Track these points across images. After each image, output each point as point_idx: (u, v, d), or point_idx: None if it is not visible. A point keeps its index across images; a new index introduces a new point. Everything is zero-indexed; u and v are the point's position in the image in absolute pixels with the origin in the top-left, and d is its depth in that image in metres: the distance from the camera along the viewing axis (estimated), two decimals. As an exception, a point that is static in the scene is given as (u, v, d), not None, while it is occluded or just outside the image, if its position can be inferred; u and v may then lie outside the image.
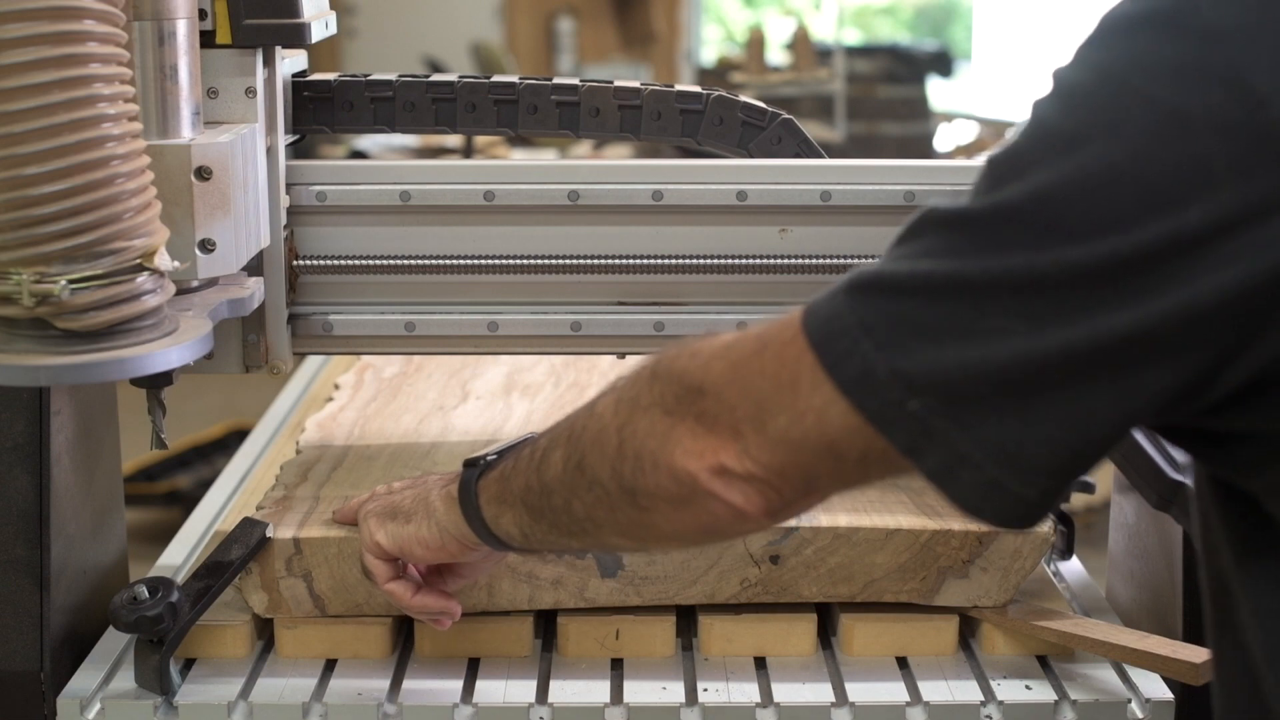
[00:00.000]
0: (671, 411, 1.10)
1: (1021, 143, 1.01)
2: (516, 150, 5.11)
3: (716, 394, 1.08)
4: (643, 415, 1.12)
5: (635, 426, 1.12)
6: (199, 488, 4.15)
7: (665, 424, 1.10)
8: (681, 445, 1.09)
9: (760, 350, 1.07)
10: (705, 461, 1.08)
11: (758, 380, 1.06)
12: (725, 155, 1.72)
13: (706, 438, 1.08)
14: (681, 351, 1.13)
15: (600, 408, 1.17)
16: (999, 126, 10.11)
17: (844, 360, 1.01)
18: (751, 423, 1.06)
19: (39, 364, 1.25)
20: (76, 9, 1.21)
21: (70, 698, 1.50)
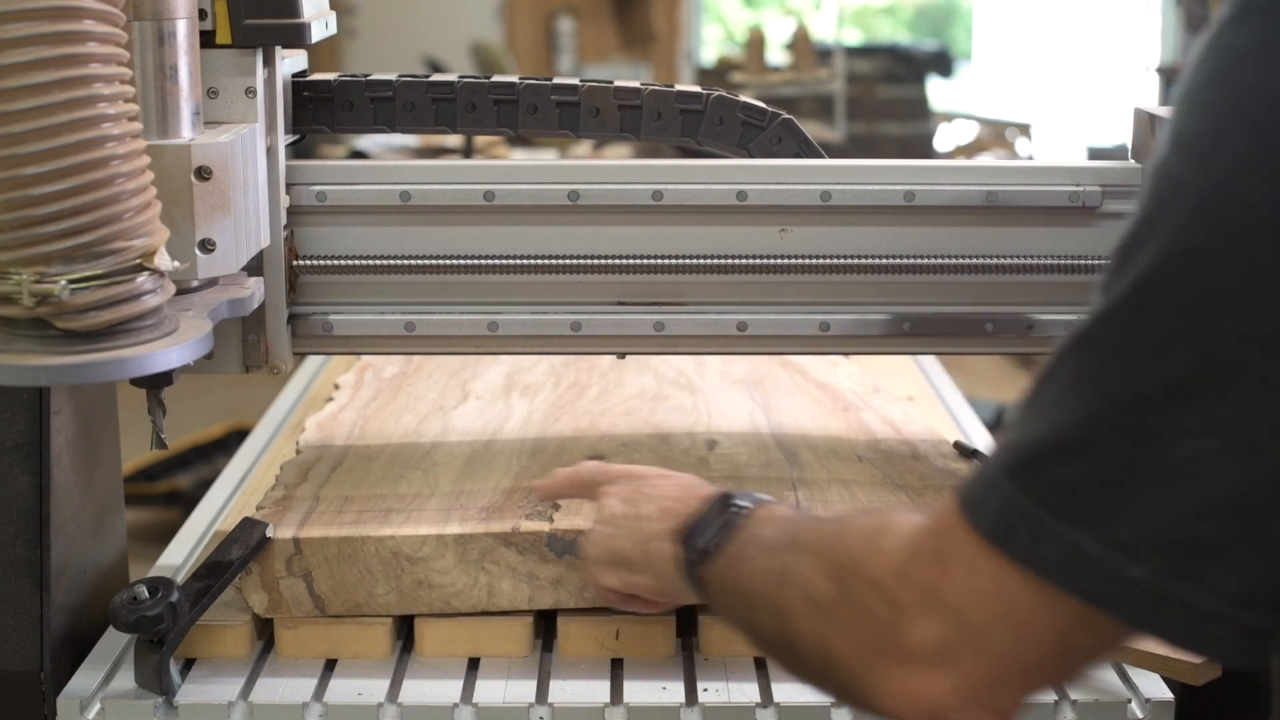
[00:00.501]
0: (865, 643, 1.00)
1: (1145, 209, 0.87)
2: (516, 150, 5.10)
3: (913, 626, 0.97)
4: (837, 636, 1.02)
5: (833, 646, 1.03)
6: (199, 488, 4.15)
7: (862, 655, 1.00)
8: (884, 687, 0.99)
9: (945, 569, 0.96)
10: (915, 706, 0.97)
11: (956, 601, 0.95)
12: (725, 155, 1.72)
13: (910, 677, 0.97)
14: (855, 561, 1.03)
15: (796, 592, 1.08)
16: (999, 126, 10.13)
17: (1037, 549, 0.90)
18: (964, 647, 0.95)
19: (39, 364, 1.25)
20: (76, 9, 1.21)
21: (70, 698, 1.50)
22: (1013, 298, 1.70)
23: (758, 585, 1.14)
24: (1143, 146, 1.69)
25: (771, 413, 1.95)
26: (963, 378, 3.59)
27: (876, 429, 1.90)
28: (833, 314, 1.70)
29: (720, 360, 2.15)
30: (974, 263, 1.68)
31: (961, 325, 1.71)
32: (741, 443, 1.82)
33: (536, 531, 1.56)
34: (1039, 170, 1.70)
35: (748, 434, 1.86)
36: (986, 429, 2.21)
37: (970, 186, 1.68)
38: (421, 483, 1.70)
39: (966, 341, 1.72)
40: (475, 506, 1.62)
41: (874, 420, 1.93)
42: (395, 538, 1.56)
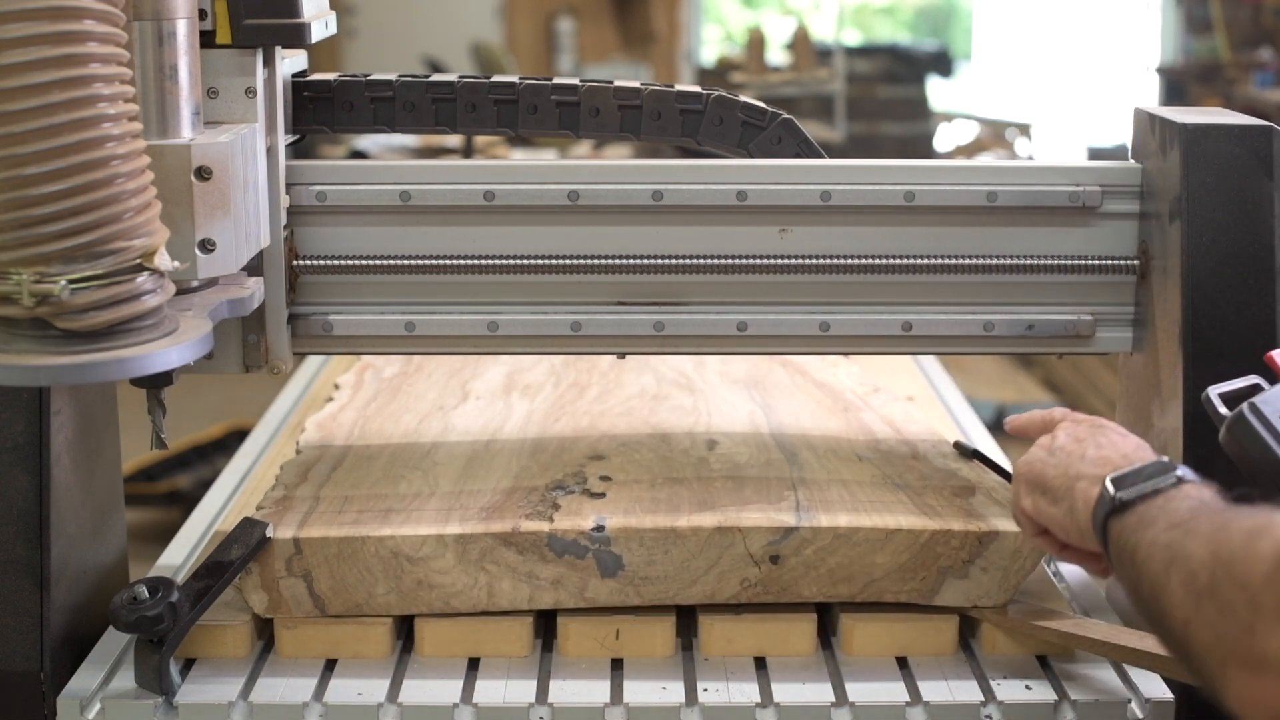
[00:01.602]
0: (1222, 639, 1.05)
1: None
2: (516, 150, 5.10)
3: (1268, 635, 1.01)
4: (1200, 625, 1.08)
5: (1194, 633, 1.09)
6: (199, 488, 4.15)
7: (1219, 652, 1.06)
8: (1234, 688, 1.04)
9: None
10: (1262, 712, 1.02)
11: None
12: (725, 155, 1.72)
13: (1257, 683, 1.02)
14: (1235, 558, 1.06)
15: (1178, 573, 1.12)
16: (999, 126, 10.13)
17: None
18: None
19: (39, 364, 1.25)
20: (76, 9, 1.21)
21: (70, 698, 1.50)
22: (1013, 298, 1.70)
23: (1147, 555, 1.19)
24: (1143, 146, 1.69)
25: (771, 413, 1.95)
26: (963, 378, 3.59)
27: (876, 429, 1.90)
28: (833, 314, 1.71)
29: (720, 360, 2.16)
30: (974, 263, 1.68)
31: (961, 325, 1.71)
32: (741, 443, 1.83)
33: (536, 531, 1.56)
34: (1039, 170, 1.70)
35: (748, 434, 1.86)
36: (986, 429, 2.21)
37: (970, 186, 1.68)
38: (421, 483, 1.70)
39: (966, 341, 1.72)
40: (475, 506, 1.62)
41: (874, 420, 1.93)
42: (395, 538, 1.56)
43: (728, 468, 1.74)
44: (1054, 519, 1.41)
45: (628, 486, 1.67)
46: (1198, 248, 1.57)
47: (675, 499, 1.63)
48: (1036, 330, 1.70)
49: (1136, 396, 1.71)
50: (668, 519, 1.58)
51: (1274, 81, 8.65)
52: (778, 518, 1.58)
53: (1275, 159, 1.58)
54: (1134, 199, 1.68)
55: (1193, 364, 1.55)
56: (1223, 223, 1.57)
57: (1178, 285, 1.58)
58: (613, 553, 1.56)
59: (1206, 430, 1.51)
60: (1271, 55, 8.90)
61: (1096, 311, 1.70)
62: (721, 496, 1.64)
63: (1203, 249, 1.57)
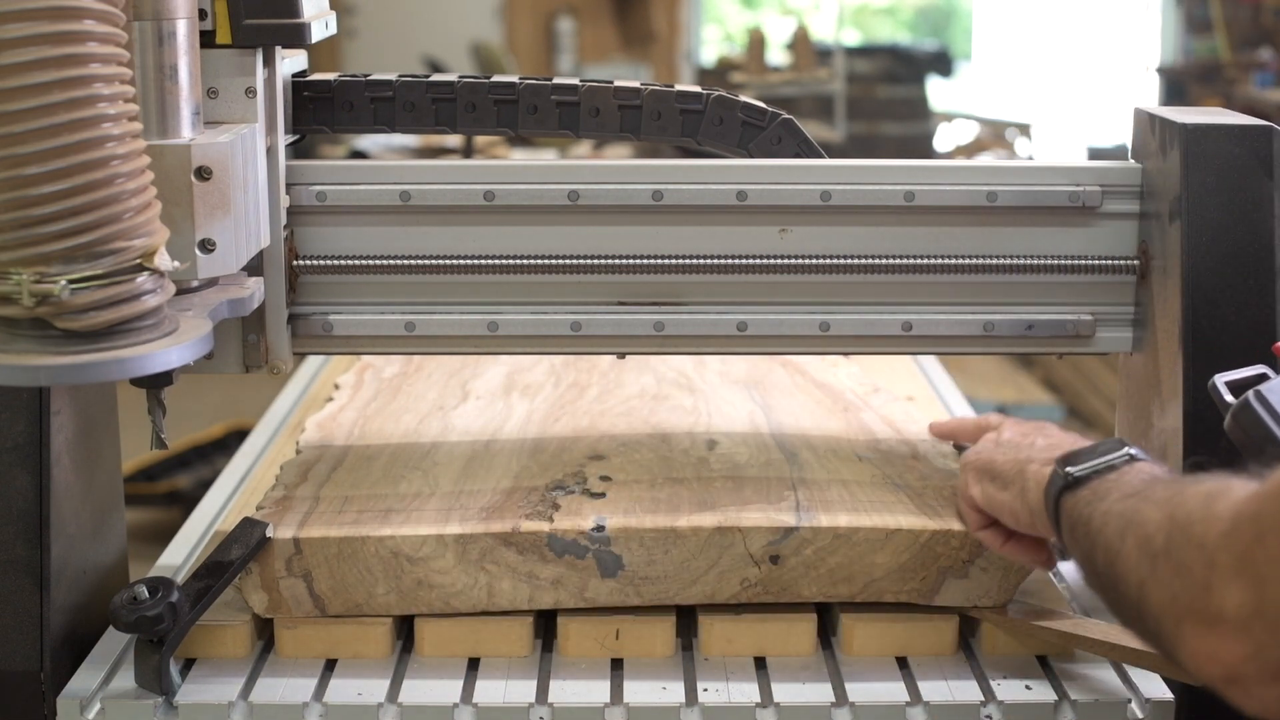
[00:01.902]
0: (1178, 598, 1.06)
1: None
2: (516, 150, 5.11)
3: (1223, 588, 1.01)
4: (1156, 586, 1.08)
5: (1149, 593, 1.09)
6: (199, 488, 4.15)
7: (1174, 611, 1.06)
8: (1188, 645, 1.05)
9: (1261, 536, 0.99)
10: (1216, 669, 1.03)
11: (1265, 569, 0.99)
12: (725, 155, 1.72)
13: (1211, 638, 1.02)
14: (1192, 519, 1.07)
15: (1132, 539, 1.13)
16: (999, 126, 10.13)
17: None
18: (1264, 618, 0.99)
19: (39, 364, 1.25)
20: (76, 9, 1.21)
21: (70, 698, 1.50)
22: (1013, 298, 1.70)
23: (1101, 524, 1.20)
24: (1143, 146, 1.69)
25: (771, 413, 1.95)
26: (963, 378, 3.59)
27: (876, 429, 1.90)
28: (833, 314, 1.71)
29: (720, 360, 2.16)
30: (974, 263, 1.68)
31: (961, 325, 1.71)
32: (741, 443, 1.82)
33: (536, 531, 1.56)
34: (1039, 170, 1.70)
35: (748, 434, 1.86)
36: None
37: (970, 186, 1.68)
38: (421, 483, 1.70)
39: (966, 341, 1.72)
40: (475, 506, 1.62)
41: (874, 420, 1.93)
42: (395, 538, 1.56)
43: (728, 468, 1.74)
44: (1004, 504, 1.42)
45: (628, 486, 1.67)
46: (1198, 248, 1.57)
47: (675, 499, 1.63)
48: (1036, 330, 1.70)
49: (1136, 396, 1.71)
50: (668, 519, 1.58)
51: (1274, 81, 8.66)
52: (778, 518, 1.58)
53: (1275, 159, 1.58)
54: (1134, 199, 1.68)
55: (1193, 364, 1.55)
56: (1223, 223, 1.57)
57: (1178, 285, 1.58)
58: (613, 553, 1.56)
59: (1207, 430, 1.51)
60: (1271, 55, 8.90)
61: (1096, 311, 1.70)
62: (721, 496, 1.64)
63: (1203, 249, 1.57)
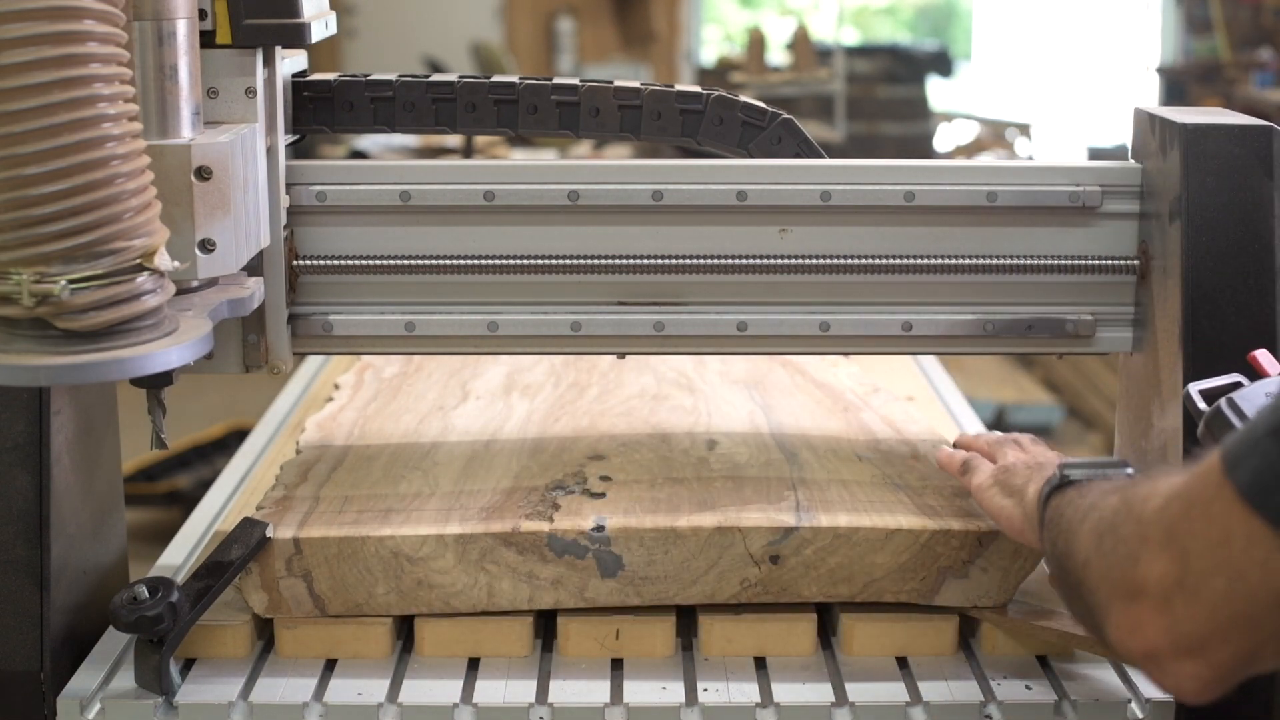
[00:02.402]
0: (1111, 569, 1.08)
1: None
2: (516, 150, 5.10)
3: (1149, 561, 1.04)
4: (1098, 560, 1.11)
5: (1090, 570, 1.12)
6: (199, 488, 4.15)
7: (1106, 585, 1.09)
8: (1114, 619, 1.07)
9: (1187, 511, 1.02)
10: (1136, 642, 1.05)
11: (1188, 542, 1.01)
12: (725, 155, 1.72)
13: (1134, 610, 1.05)
14: (1134, 500, 1.09)
15: (1089, 522, 1.16)
16: (999, 126, 10.13)
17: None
18: (1183, 589, 1.01)
19: (39, 364, 1.25)
20: (76, 9, 1.21)
21: (70, 698, 1.50)
22: (1013, 298, 1.70)
23: (1071, 514, 1.22)
24: (1143, 146, 1.69)
25: (771, 413, 1.95)
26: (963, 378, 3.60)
27: (876, 429, 1.90)
28: (833, 314, 1.71)
29: (720, 360, 2.16)
30: (974, 263, 1.68)
31: (961, 325, 1.71)
32: (741, 443, 1.82)
33: (536, 531, 1.56)
34: (1039, 170, 1.70)
35: (748, 434, 1.86)
36: (986, 429, 2.21)
37: (970, 186, 1.68)
38: (421, 483, 1.70)
39: (966, 341, 1.72)
40: (475, 506, 1.62)
41: (874, 420, 1.93)
42: (395, 538, 1.56)
43: (728, 468, 1.74)
44: (1003, 510, 1.45)
45: (628, 486, 1.67)
46: (1198, 248, 1.57)
47: (675, 499, 1.63)
48: (1036, 330, 1.70)
49: (1136, 396, 1.71)
50: (668, 519, 1.58)
51: (1274, 81, 8.66)
52: (778, 518, 1.58)
53: (1275, 159, 1.58)
54: (1134, 199, 1.68)
55: (1193, 364, 1.55)
56: (1223, 223, 1.57)
57: (1178, 285, 1.58)
58: (613, 553, 1.56)
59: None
60: (1271, 55, 8.90)
61: (1096, 311, 1.70)
62: (721, 496, 1.64)
63: (1203, 249, 1.57)
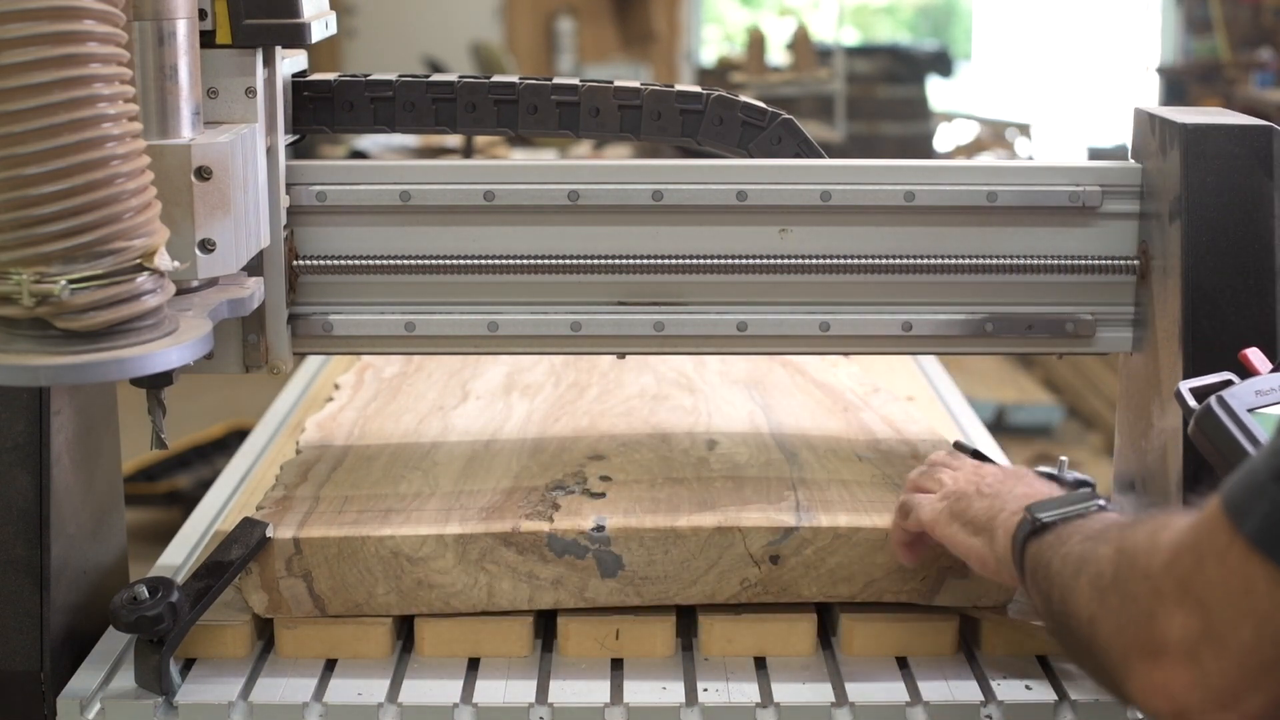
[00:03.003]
0: (1124, 629, 1.07)
1: None
2: (516, 150, 5.10)
3: (1167, 617, 1.03)
4: (1105, 619, 1.10)
5: (1099, 628, 1.11)
6: (199, 488, 4.15)
7: (1120, 643, 1.08)
8: (1136, 679, 1.06)
9: (1199, 563, 1.01)
10: (1163, 702, 1.04)
11: (1206, 595, 1.01)
12: (725, 155, 1.72)
13: (1159, 670, 1.04)
14: (1137, 552, 1.08)
15: (1085, 576, 1.15)
16: (999, 126, 10.13)
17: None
18: (1208, 643, 1.01)
19: (39, 364, 1.25)
20: (76, 9, 1.21)
21: (70, 698, 1.50)
22: (1013, 298, 1.70)
23: (1060, 565, 1.21)
24: (1143, 146, 1.69)
25: (771, 413, 1.95)
26: (963, 378, 3.60)
27: (876, 429, 1.90)
28: (833, 314, 1.70)
29: (720, 360, 2.15)
30: (974, 263, 1.68)
31: (961, 325, 1.71)
32: (741, 443, 1.82)
33: (536, 531, 1.56)
34: (1039, 170, 1.70)
35: (748, 434, 1.86)
36: (986, 429, 2.21)
37: (970, 186, 1.68)
38: (421, 483, 1.70)
39: (966, 341, 1.72)
40: (475, 506, 1.62)
41: (874, 420, 1.93)
42: (395, 538, 1.56)
43: (728, 468, 1.74)
44: (972, 549, 1.42)
45: (628, 486, 1.67)
46: (1198, 248, 1.57)
47: (675, 499, 1.63)
48: (1036, 330, 1.70)
49: (1136, 396, 1.71)
50: (668, 519, 1.58)
51: (1274, 81, 8.66)
52: (778, 518, 1.58)
53: (1275, 159, 1.58)
54: (1134, 199, 1.68)
55: (1193, 364, 1.55)
56: (1223, 223, 1.57)
57: (1178, 285, 1.58)
58: (613, 553, 1.56)
59: (1206, 430, 1.50)
60: (1271, 55, 8.90)
61: (1096, 311, 1.70)
62: (721, 496, 1.64)
63: (1203, 249, 1.57)
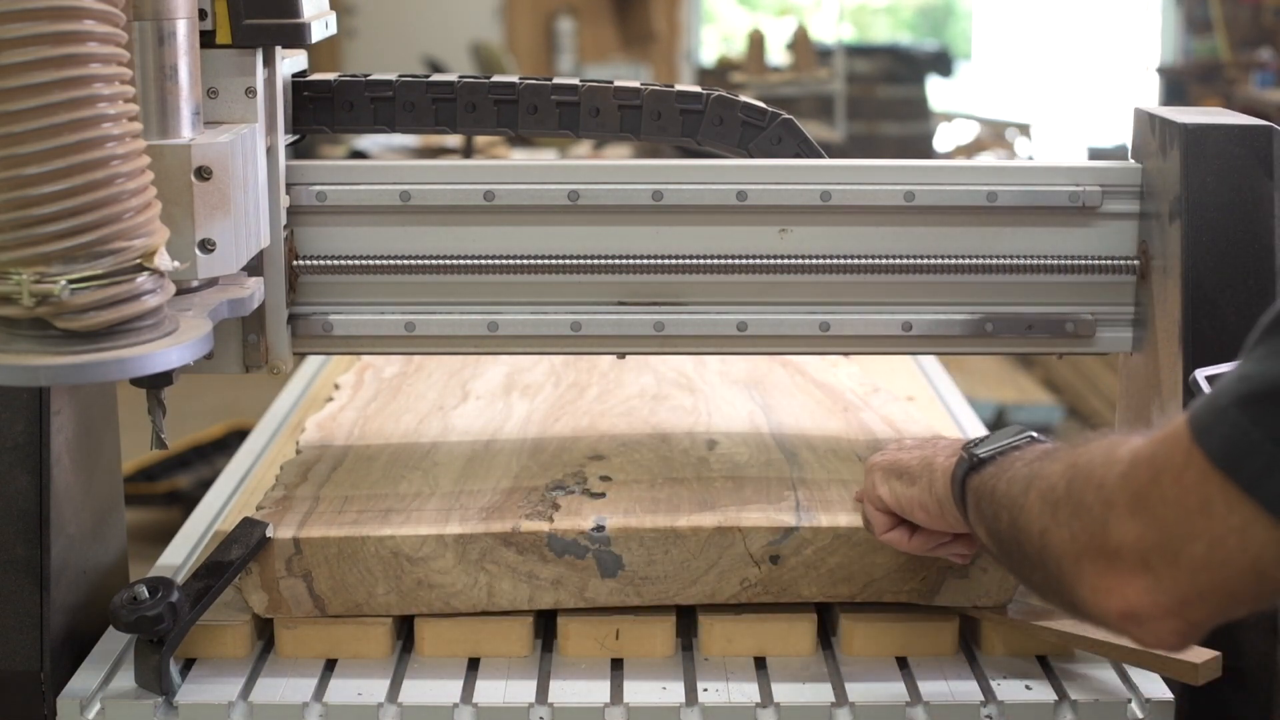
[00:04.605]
0: (1077, 537, 1.10)
1: None
2: (516, 150, 5.10)
3: (1120, 526, 1.06)
4: (1056, 529, 1.12)
5: (1050, 538, 1.13)
6: (199, 488, 4.15)
7: (1073, 550, 1.10)
8: (1088, 581, 1.09)
9: (1156, 477, 1.04)
10: (1113, 604, 1.07)
11: (1161, 509, 1.04)
12: (725, 155, 1.72)
13: (1110, 575, 1.07)
14: (1092, 465, 1.11)
15: (1035, 491, 1.17)
16: (999, 126, 10.13)
17: (1264, 478, 0.98)
18: (1161, 554, 1.04)
19: (39, 364, 1.25)
20: (76, 9, 1.21)
21: (70, 698, 1.50)
22: (1013, 298, 1.70)
23: (1005, 488, 1.23)
24: (1143, 146, 1.69)
25: (771, 413, 1.95)
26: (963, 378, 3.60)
27: (876, 429, 1.90)
28: (833, 314, 1.70)
29: (720, 360, 2.15)
30: (974, 263, 1.68)
31: (962, 325, 1.71)
32: (741, 443, 1.82)
33: (536, 531, 1.56)
34: (1039, 170, 1.70)
35: (748, 434, 1.86)
36: (986, 429, 2.21)
37: (970, 186, 1.68)
38: (421, 483, 1.70)
39: (966, 341, 1.72)
40: (475, 506, 1.62)
41: (874, 420, 1.93)
42: (395, 538, 1.56)
43: (728, 468, 1.74)
44: (913, 498, 1.44)
45: (628, 486, 1.67)
46: (1198, 248, 1.57)
47: (675, 499, 1.63)
48: (1036, 330, 1.70)
49: (1136, 396, 1.71)
50: (668, 519, 1.58)
51: (1274, 81, 8.66)
52: (778, 518, 1.58)
53: (1275, 159, 1.58)
54: (1134, 199, 1.68)
55: (1193, 364, 1.55)
56: (1223, 223, 1.57)
57: (1178, 285, 1.58)
58: (613, 553, 1.56)
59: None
60: (1271, 55, 8.91)
61: (1096, 311, 1.70)
62: (721, 496, 1.64)
63: (1203, 249, 1.57)
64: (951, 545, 1.49)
